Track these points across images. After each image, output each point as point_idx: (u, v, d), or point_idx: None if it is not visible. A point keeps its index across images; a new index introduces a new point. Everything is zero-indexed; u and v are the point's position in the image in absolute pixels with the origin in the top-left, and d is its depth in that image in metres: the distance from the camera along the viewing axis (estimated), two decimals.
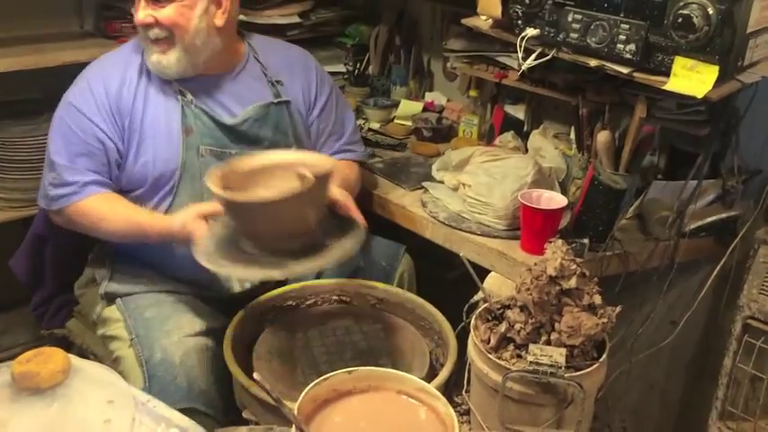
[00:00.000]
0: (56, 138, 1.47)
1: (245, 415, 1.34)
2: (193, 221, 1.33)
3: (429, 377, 1.43)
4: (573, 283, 1.23)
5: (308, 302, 1.63)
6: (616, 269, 1.55)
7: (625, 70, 1.34)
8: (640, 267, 1.56)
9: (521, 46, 1.41)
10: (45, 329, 1.73)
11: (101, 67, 1.52)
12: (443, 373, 1.37)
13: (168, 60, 1.45)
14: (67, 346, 1.67)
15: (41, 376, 1.03)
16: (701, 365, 1.82)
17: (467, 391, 1.36)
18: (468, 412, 1.39)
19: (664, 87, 1.29)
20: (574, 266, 1.24)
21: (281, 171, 1.36)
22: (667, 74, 1.29)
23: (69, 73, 1.57)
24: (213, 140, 1.49)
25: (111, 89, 1.46)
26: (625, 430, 1.86)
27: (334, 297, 1.65)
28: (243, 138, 1.53)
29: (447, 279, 2.07)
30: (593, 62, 1.38)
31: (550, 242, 1.28)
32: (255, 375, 1.09)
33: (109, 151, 1.46)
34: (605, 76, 1.63)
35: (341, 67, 2.42)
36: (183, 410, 1.30)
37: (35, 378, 1.03)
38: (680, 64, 1.25)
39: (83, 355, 1.66)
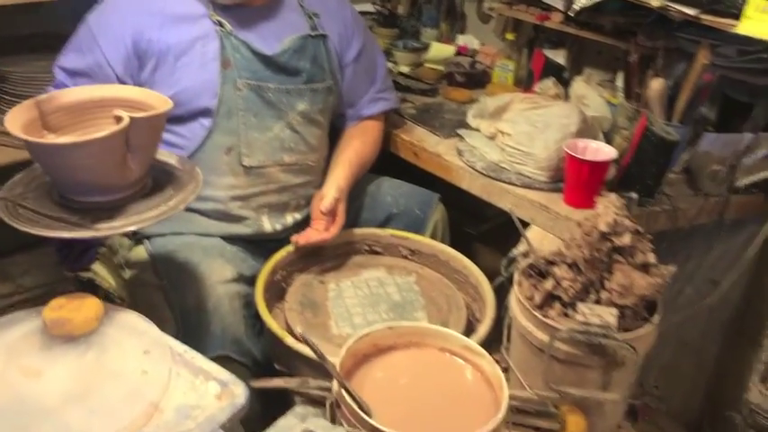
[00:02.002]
0: (66, 51, 1.44)
1: (277, 366, 1.31)
2: None
3: (466, 333, 1.38)
4: (626, 239, 1.17)
5: (340, 252, 1.58)
6: (663, 225, 1.48)
7: (692, 12, 1.24)
8: (688, 224, 1.50)
9: None
10: (69, 272, 1.69)
11: None
12: (482, 330, 1.32)
13: None
14: (93, 289, 1.63)
15: (74, 323, 1.00)
16: (740, 327, 1.77)
17: (506, 348, 1.32)
18: (506, 370, 1.34)
19: (734, 30, 1.20)
20: (627, 222, 1.18)
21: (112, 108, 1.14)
22: (737, 16, 1.20)
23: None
24: (251, 73, 1.43)
25: (130, 15, 1.39)
26: (657, 389, 1.84)
27: (366, 247, 1.59)
28: (281, 70, 1.47)
29: (478, 232, 2.02)
30: (655, 2, 1.28)
31: (602, 195, 1.22)
32: (298, 329, 1.05)
33: (106, 78, 1.39)
34: (658, 18, 1.53)
35: (369, 7, 2.31)
36: (215, 359, 1.29)
37: (68, 325, 0.99)
38: (753, 5, 1.15)
39: (109, 299, 1.62)
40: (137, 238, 1.45)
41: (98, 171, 1.00)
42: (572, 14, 1.43)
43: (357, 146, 1.61)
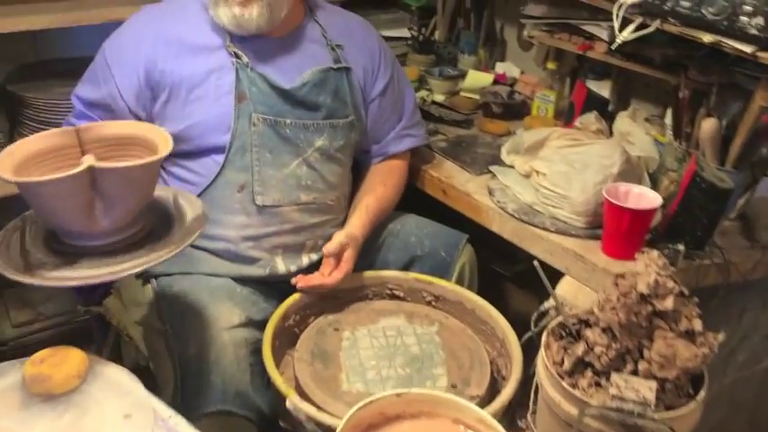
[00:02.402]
0: (83, 80, 1.42)
1: (282, 423, 1.22)
2: None
3: (489, 392, 1.27)
4: (669, 304, 1.04)
5: (360, 294, 1.48)
6: (714, 280, 1.34)
7: (748, 49, 1.11)
8: (742, 278, 1.35)
9: (617, 15, 1.20)
10: (82, 306, 1.64)
11: (139, 18, 1.40)
12: (506, 393, 1.20)
13: (250, 14, 1.32)
14: (106, 324, 1.58)
15: (54, 381, 0.93)
16: None
17: (533, 413, 1.19)
18: None
19: None
20: (671, 284, 1.05)
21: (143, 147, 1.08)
22: None
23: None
24: (267, 108, 1.36)
25: (144, 44, 1.34)
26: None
27: (387, 291, 1.49)
28: (300, 104, 1.39)
29: (510, 272, 1.90)
30: (706, 38, 1.15)
31: (643, 252, 1.09)
32: (288, 403, 0.96)
33: (119, 110, 1.36)
34: (712, 52, 1.39)
35: (404, 32, 2.23)
36: (216, 413, 1.21)
37: (47, 383, 0.93)
38: None
39: (119, 336, 1.56)
40: (145, 276, 1.38)
41: (60, 215, 0.95)
42: (613, 48, 1.31)
43: (378, 191, 1.52)
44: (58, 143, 1.01)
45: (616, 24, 1.20)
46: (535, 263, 1.10)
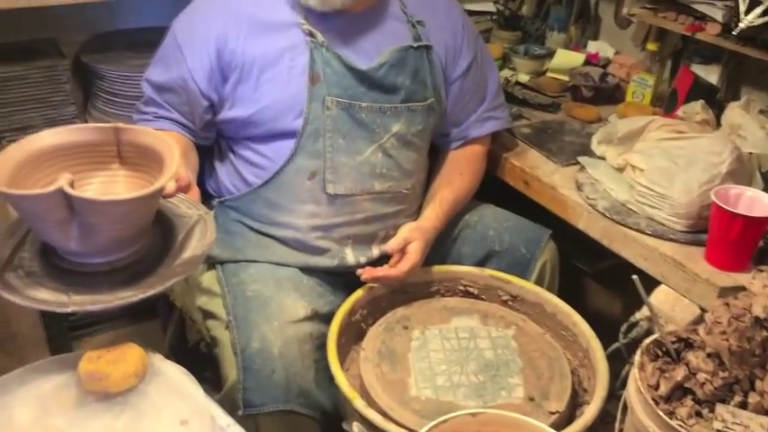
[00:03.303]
0: (153, 62, 1.35)
1: (345, 426, 1.15)
2: None
3: (570, 407, 1.17)
4: None
5: (431, 290, 1.40)
6: None
7: None
8: None
9: None
10: None
11: None
12: (590, 413, 1.10)
13: None
14: (171, 303, 1.55)
15: (111, 380, 0.88)
16: None
17: None
18: None
19: None
20: None
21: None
22: None
23: None
24: (342, 90, 1.27)
25: (215, 22, 1.27)
26: None
27: (460, 287, 1.40)
28: (377, 86, 1.30)
29: (593, 270, 1.77)
30: None
31: (762, 270, 0.95)
32: (356, 428, 0.89)
33: (190, 93, 1.29)
34: None
35: (489, 6, 2.09)
36: (279, 412, 1.15)
37: (104, 381, 0.88)
38: None
39: (183, 318, 1.53)
40: (210, 261, 1.33)
41: (38, 228, 0.87)
42: (735, 32, 1.15)
43: (456, 181, 1.42)
44: (93, 138, 0.93)
45: (742, 6, 1.04)
46: (634, 278, 0.98)
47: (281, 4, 1.29)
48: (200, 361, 1.33)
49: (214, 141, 1.40)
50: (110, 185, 0.95)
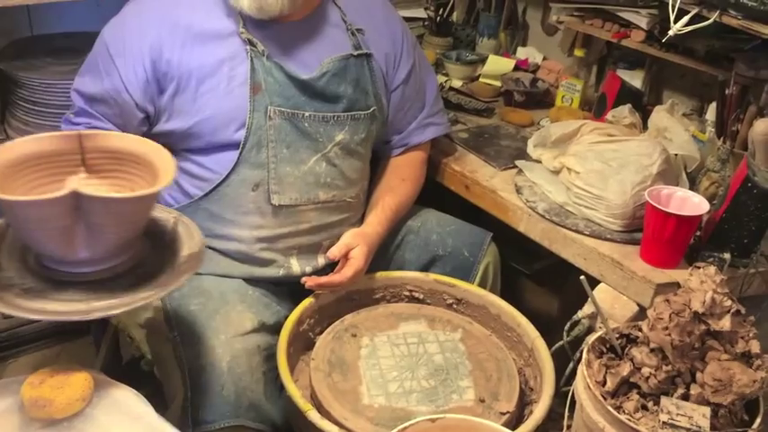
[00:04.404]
0: (82, 72, 1.29)
1: None
2: None
3: (519, 407, 1.19)
4: (726, 324, 0.96)
5: (377, 296, 1.40)
6: (757, 290, 1.25)
7: None
8: None
9: (674, 6, 1.09)
10: None
11: (142, 1, 1.27)
12: (539, 411, 1.12)
13: None
14: (104, 321, 1.49)
15: (56, 405, 0.84)
16: None
17: (568, 428, 1.12)
18: None
19: None
20: (728, 302, 0.97)
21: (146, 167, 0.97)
22: None
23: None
24: (284, 100, 1.25)
25: (149, 31, 1.22)
26: None
27: (406, 293, 1.41)
28: (318, 96, 1.28)
29: (530, 271, 1.81)
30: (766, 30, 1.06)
31: (698, 267, 1.00)
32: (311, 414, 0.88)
33: (124, 105, 1.23)
34: (761, 44, 1.30)
35: (420, 13, 2.11)
36: (228, 428, 1.12)
37: (48, 407, 0.84)
38: None
39: (117, 337, 1.47)
40: None
41: (36, 237, 0.84)
42: (665, 40, 1.21)
43: (398, 187, 1.43)
44: (57, 147, 0.90)
45: (672, 15, 1.09)
46: (582, 278, 1.01)
47: (219, 12, 1.25)
48: (135, 379, 1.28)
49: None
50: None
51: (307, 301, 1.29)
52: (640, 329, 1.03)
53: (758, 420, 0.96)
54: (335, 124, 1.29)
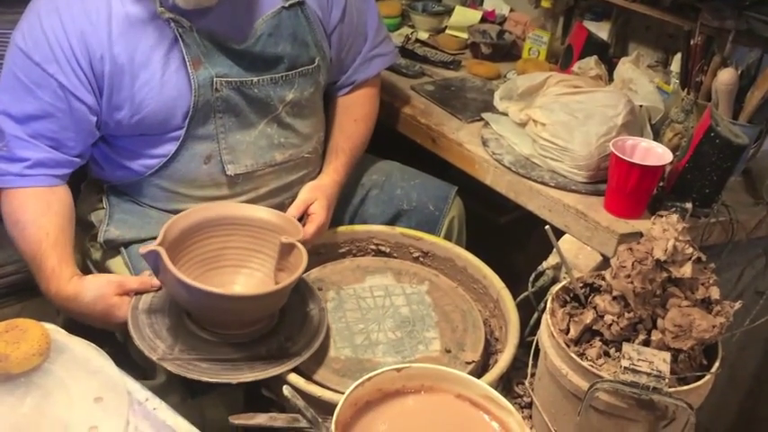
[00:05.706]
0: (3, 90, 1.13)
1: (265, 392, 1.13)
2: (113, 297, 1.07)
3: (484, 356, 1.21)
4: (687, 271, 0.97)
5: (343, 251, 1.39)
6: (717, 239, 1.28)
7: None
8: (746, 237, 1.29)
9: None
10: None
11: (47, 3, 1.13)
12: (504, 360, 1.13)
13: None
14: None
15: (12, 360, 0.82)
16: None
17: (531, 381, 1.13)
18: (529, 405, 1.17)
19: None
20: (690, 250, 0.98)
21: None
22: None
23: None
24: (227, 69, 1.18)
25: (72, 26, 1.11)
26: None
27: (372, 247, 1.40)
28: (259, 60, 1.22)
29: (498, 223, 1.82)
30: None
31: (660, 215, 1.01)
32: (286, 390, 0.87)
33: (75, 113, 1.13)
34: None
35: None
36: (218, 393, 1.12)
37: (4, 362, 0.82)
38: None
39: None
40: (112, 246, 1.24)
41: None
42: None
43: (350, 129, 1.38)
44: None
45: None
46: (547, 228, 1.01)
47: None
48: (99, 337, 1.26)
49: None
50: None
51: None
52: (603, 278, 1.04)
53: (716, 364, 0.98)
54: (285, 84, 1.24)
